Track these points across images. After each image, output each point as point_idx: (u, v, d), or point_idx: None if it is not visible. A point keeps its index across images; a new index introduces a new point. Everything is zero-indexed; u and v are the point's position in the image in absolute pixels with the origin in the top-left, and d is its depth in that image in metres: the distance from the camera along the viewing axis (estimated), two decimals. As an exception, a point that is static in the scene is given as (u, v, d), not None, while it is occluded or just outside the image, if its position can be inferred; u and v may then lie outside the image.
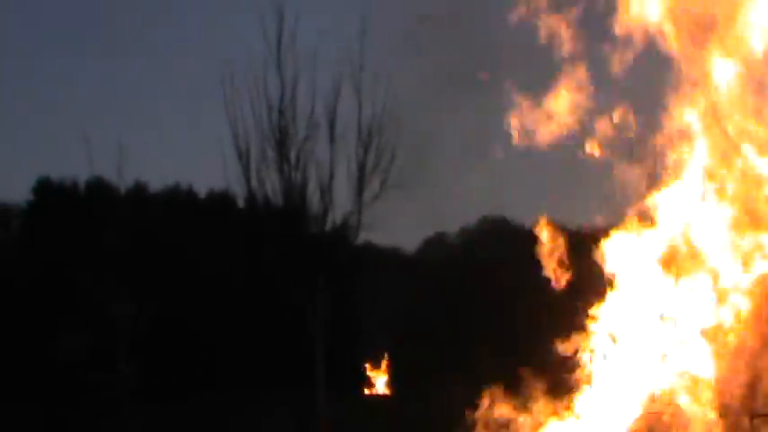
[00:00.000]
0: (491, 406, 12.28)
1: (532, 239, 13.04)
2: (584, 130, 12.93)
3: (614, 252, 12.52)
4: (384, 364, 46.45)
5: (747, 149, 12.19)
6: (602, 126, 12.88)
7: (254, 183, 24.45)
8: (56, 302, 45.57)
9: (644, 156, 12.75)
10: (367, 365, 46.28)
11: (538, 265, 12.91)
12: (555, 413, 12.37)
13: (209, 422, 43.00)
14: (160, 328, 26.16)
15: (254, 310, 52.64)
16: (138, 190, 56.17)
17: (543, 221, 13.08)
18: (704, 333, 11.95)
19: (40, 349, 43.94)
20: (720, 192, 12.15)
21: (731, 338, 11.88)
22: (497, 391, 12.44)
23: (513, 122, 13.83)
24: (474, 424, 12.31)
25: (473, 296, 36.82)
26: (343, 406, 30.31)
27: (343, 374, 27.22)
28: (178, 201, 59.82)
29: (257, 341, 52.33)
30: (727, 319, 12.15)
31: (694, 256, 12.21)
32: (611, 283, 12.52)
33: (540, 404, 12.35)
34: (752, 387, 11.72)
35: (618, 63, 12.89)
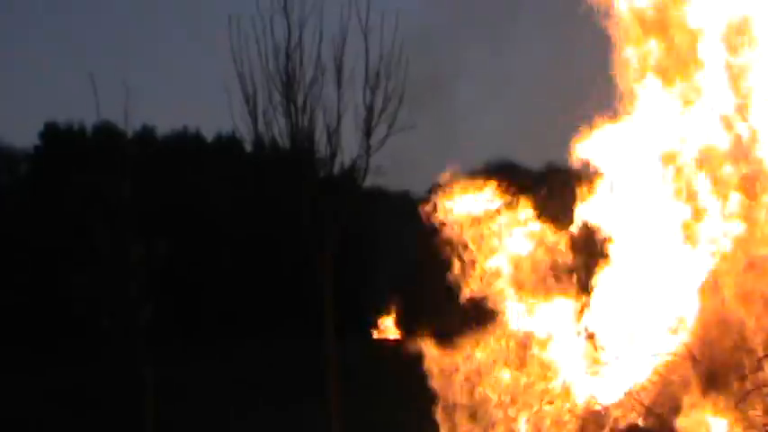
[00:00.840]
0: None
1: (539, 182, 12.97)
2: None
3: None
4: (393, 307, 46.57)
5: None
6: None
7: (261, 126, 24.24)
8: (64, 246, 45.65)
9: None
10: (376, 310, 46.42)
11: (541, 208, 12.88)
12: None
13: (221, 365, 43.25)
14: (171, 272, 26.13)
15: (263, 253, 52.74)
16: (146, 134, 56.16)
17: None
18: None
19: (48, 293, 44.13)
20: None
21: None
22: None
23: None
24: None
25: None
26: (353, 349, 30.39)
27: (352, 319, 27.27)
28: (186, 144, 59.85)
29: (266, 284, 52.47)
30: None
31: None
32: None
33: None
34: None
35: None
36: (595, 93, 12.37)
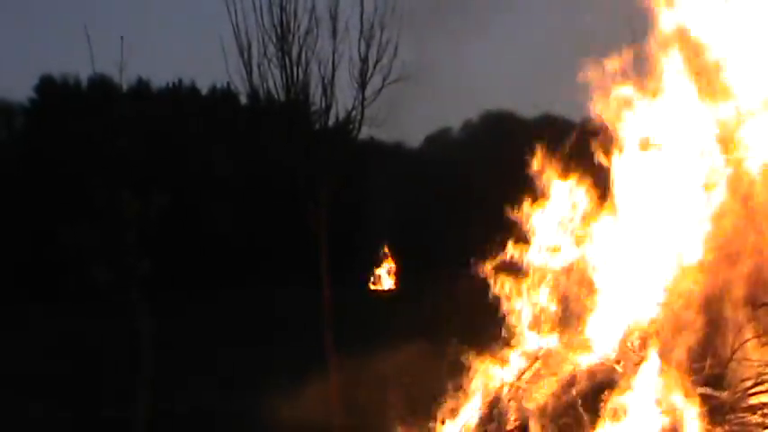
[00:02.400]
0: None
1: (537, 133, 12.69)
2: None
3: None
4: (389, 259, 46.68)
5: None
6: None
7: (255, 79, 24.22)
8: (61, 199, 45.65)
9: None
10: (372, 261, 46.52)
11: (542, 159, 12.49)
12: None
13: (217, 318, 43.40)
14: (168, 223, 26.16)
15: (259, 205, 52.79)
16: (141, 87, 56.00)
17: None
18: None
19: (45, 246, 44.15)
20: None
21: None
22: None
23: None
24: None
25: (476, 191, 36.82)
26: (349, 301, 30.51)
27: (347, 270, 27.36)
28: (181, 97, 59.73)
29: (263, 235, 52.57)
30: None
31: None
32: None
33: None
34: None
35: None
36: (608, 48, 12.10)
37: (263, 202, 52.16)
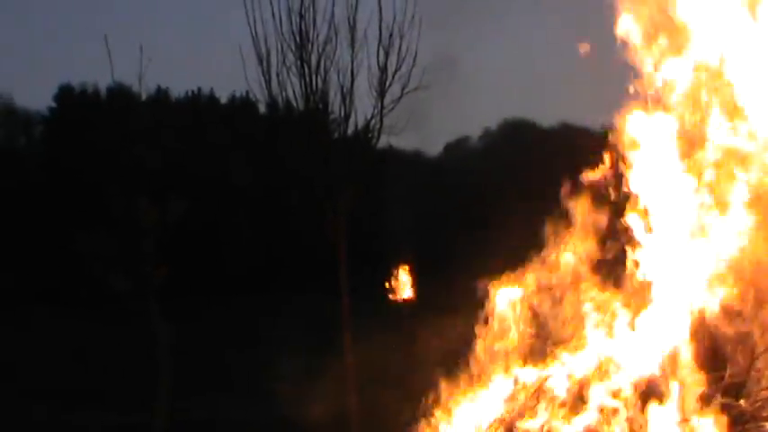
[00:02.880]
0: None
1: (555, 141, 12.61)
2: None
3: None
4: (407, 268, 46.52)
5: None
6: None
7: (274, 87, 24.15)
8: (78, 207, 45.78)
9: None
10: (390, 271, 46.35)
11: (560, 168, 12.45)
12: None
13: (234, 325, 43.43)
14: (185, 233, 26.22)
15: (277, 214, 52.84)
16: (160, 96, 56.15)
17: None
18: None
19: (64, 254, 44.25)
20: None
21: None
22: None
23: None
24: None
25: (494, 200, 36.77)
26: (367, 310, 30.47)
27: (366, 279, 27.30)
28: (199, 106, 59.88)
29: (280, 244, 52.61)
30: None
31: None
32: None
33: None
34: None
35: None
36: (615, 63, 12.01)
37: (282, 210, 52.21)
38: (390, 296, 47.27)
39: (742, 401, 10.66)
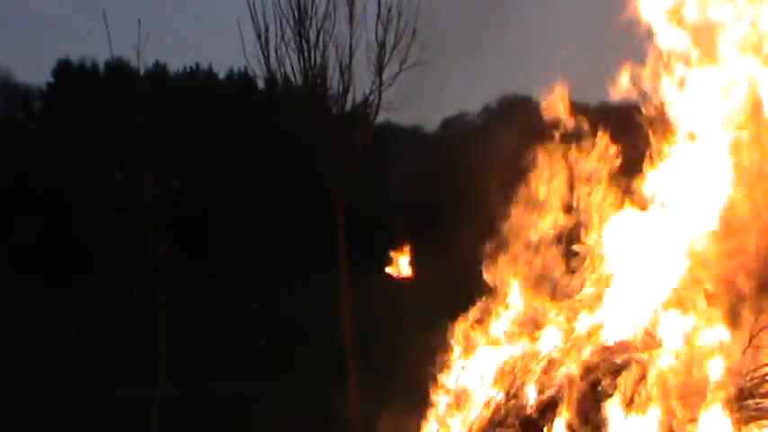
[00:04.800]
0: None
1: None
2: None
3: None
4: (406, 244, 46.52)
5: None
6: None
7: (273, 63, 24.18)
8: (77, 182, 45.77)
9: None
10: (390, 247, 46.38)
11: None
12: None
13: (236, 303, 43.55)
14: (184, 208, 26.27)
15: (276, 190, 52.84)
16: (158, 71, 56.09)
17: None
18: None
19: (62, 230, 44.29)
20: None
21: None
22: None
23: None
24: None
25: (491, 177, 36.70)
26: (366, 287, 30.58)
27: (364, 255, 27.35)
28: (198, 81, 59.83)
29: (279, 221, 52.63)
30: None
31: None
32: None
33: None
34: None
35: None
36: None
37: (280, 186, 52.22)
38: (389, 270, 47.40)
39: (740, 378, 10.66)
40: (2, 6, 75.90)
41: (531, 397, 10.94)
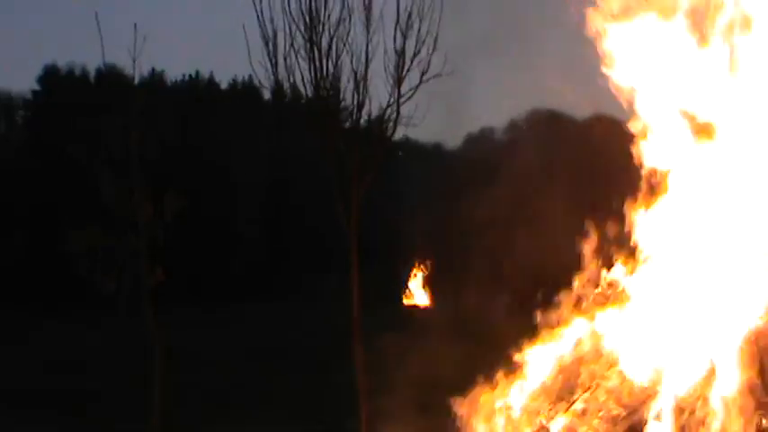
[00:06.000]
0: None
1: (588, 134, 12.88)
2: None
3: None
4: (424, 272, 46.61)
5: None
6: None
7: (281, 72, 24.19)
8: (65, 200, 45.93)
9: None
10: (407, 274, 46.44)
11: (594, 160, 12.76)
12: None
13: (238, 331, 43.57)
14: (182, 229, 26.35)
15: (283, 210, 52.91)
16: (155, 79, 56.34)
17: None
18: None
19: (48, 251, 44.46)
20: None
21: None
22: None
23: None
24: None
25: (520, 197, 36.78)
26: (379, 316, 30.61)
27: (379, 283, 27.40)
28: (198, 91, 60.02)
29: (288, 243, 52.68)
30: None
31: None
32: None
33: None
34: None
35: None
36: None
37: (288, 206, 52.32)
38: (405, 302, 47.47)
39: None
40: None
41: None
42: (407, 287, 47.27)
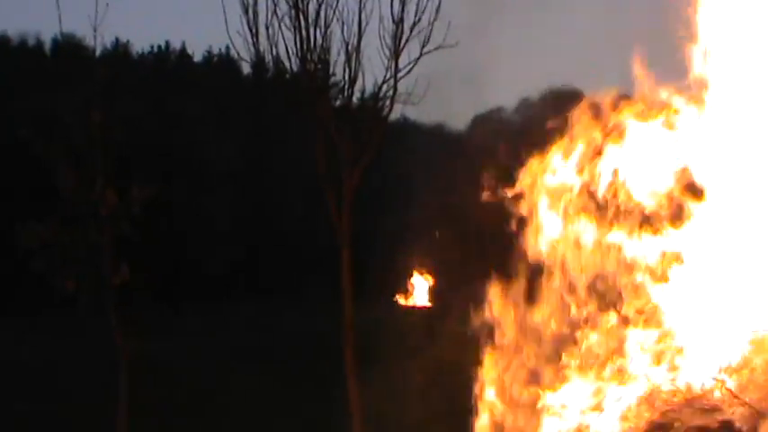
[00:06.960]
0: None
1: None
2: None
3: None
4: (425, 269, 46.63)
5: None
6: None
7: (262, 43, 24.18)
8: (17, 189, 45.86)
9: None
10: (406, 272, 46.46)
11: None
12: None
13: (207, 338, 43.63)
14: (150, 221, 26.30)
15: (264, 199, 52.88)
16: (119, 51, 56.32)
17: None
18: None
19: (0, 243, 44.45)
20: None
21: None
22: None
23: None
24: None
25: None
26: (375, 316, 30.66)
27: (374, 281, 27.38)
28: (167, 64, 60.05)
29: (268, 238, 52.67)
30: None
31: None
32: None
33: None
34: None
35: None
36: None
37: (269, 195, 52.30)
38: (403, 302, 47.49)
39: None
40: None
41: None
42: (406, 286, 47.32)
